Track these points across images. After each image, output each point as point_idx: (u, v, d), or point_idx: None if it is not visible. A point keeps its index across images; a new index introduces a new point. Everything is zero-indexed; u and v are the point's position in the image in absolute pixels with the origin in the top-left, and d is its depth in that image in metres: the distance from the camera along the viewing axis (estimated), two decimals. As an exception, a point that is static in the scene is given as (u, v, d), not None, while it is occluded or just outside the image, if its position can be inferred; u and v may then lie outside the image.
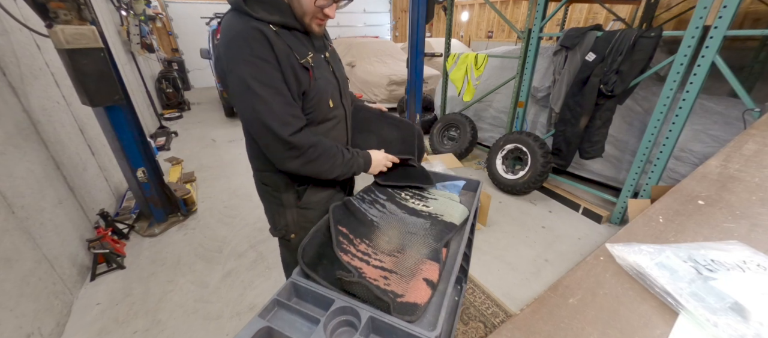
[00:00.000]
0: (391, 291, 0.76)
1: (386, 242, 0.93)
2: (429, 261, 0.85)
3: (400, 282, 0.79)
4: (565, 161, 2.76)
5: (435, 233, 0.97)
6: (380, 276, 0.81)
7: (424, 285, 0.77)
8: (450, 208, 1.09)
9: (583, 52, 2.43)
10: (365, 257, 0.87)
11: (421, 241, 0.94)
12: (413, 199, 1.16)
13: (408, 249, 0.90)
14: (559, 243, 2.37)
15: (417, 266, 0.83)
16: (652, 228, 0.94)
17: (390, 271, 0.83)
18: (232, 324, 1.74)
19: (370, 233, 0.97)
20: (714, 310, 0.61)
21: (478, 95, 3.65)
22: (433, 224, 1.01)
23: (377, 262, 0.86)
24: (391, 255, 0.89)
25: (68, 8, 1.73)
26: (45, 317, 1.60)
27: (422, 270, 0.82)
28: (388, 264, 0.85)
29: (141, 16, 4.77)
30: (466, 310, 1.81)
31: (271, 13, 0.86)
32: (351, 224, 0.98)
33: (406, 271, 0.82)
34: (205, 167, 3.77)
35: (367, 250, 0.90)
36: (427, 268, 0.82)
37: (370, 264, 0.85)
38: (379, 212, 1.07)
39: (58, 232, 1.86)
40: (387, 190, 1.21)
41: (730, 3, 1.74)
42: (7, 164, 1.60)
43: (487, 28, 9.30)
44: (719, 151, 1.29)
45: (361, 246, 0.91)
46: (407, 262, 0.86)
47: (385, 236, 0.96)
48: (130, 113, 2.28)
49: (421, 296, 0.74)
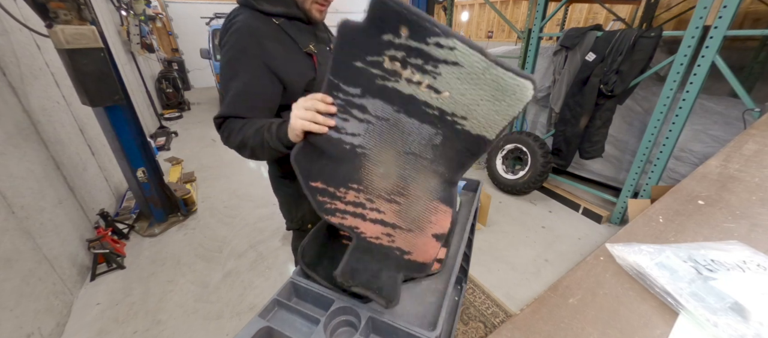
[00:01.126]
0: (396, 247, 0.67)
1: (380, 177, 0.68)
2: (439, 204, 0.66)
3: (406, 237, 0.67)
4: (565, 161, 2.76)
5: (449, 153, 0.65)
6: (382, 232, 0.68)
7: (433, 241, 0.66)
8: (476, 98, 0.59)
9: (583, 52, 2.43)
10: (358, 209, 0.68)
11: (428, 168, 0.66)
12: (413, 71, 0.60)
13: (411, 185, 0.67)
14: (559, 243, 2.37)
15: (424, 215, 0.67)
16: (652, 228, 0.94)
17: (392, 226, 0.68)
18: (232, 324, 1.74)
19: (354, 171, 0.68)
20: (714, 310, 0.61)
21: (478, 95, 3.64)
22: (446, 137, 0.63)
23: (374, 214, 0.68)
24: (390, 200, 0.68)
25: (68, 8, 1.73)
26: (45, 317, 1.60)
27: (431, 223, 0.66)
28: (389, 216, 0.68)
29: (141, 16, 4.77)
30: (466, 310, 1.81)
31: (274, 5, 0.89)
32: (325, 171, 0.69)
33: (411, 223, 0.67)
34: (205, 167, 3.77)
35: (358, 198, 0.68)
36: (438, 218, 0.66)
37: (367, 218, 0.68)
38: (358, 122, 0.67)
39: (58, 232, 1.86)
40: (366, 61, 0.64)
41: (730, 3, 1.74)
42: (7, 164, 1.60)
43: (487, 28, 9.30)
44: (719, 151, 1.29)
45: (348, 195, 0.69)
46: (412, 209, 0.67)
47: (377, 168, 0.68)
48: (130, 113, 2.28)
49: (430, 254, 0.66)
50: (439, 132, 0.63)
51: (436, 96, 0.60)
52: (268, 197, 2.96)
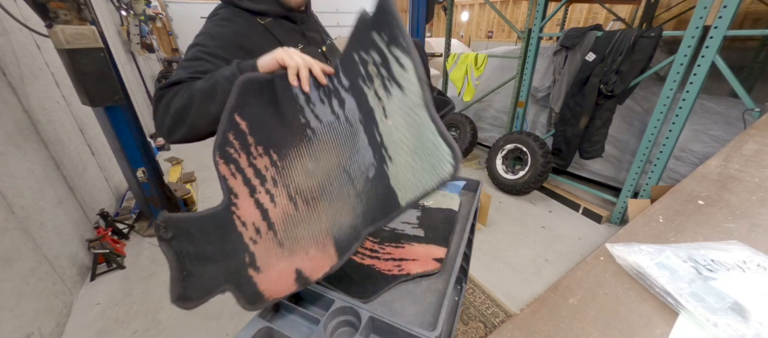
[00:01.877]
0: (252, 252, 0.57)
1: (304, 172, 0.62)
2: (330, 244, 0.57)
3: (270, 250, 0.57)
4: (565, 161, 2.76)
5: (372, 196, 0.56)
6: (253, 222, 0.58)
7: (291, 277, 0.55)
8: (403, 139, 0.51)
9: (583, 52, 2.43)
10: (255, 180, 0.60)
11: (349, 198, 0.59)
12: (380, 83, 0.56)
13: (323, 203, 0.60)
14: (559, 243, 2.37)
15: (308, 241, 0.59)
16: (652, 228, 0.94)
17: (269, 224, 0.59)
18: (232, 324, 1.74)
19: (287, 144, 0.62)
20: (714, 310, 0.61)
21: (478, 95, 3.65)
22: (377, 174, 0.56)
23: (265, 198, 0.60)
24: (292, 198, 0.60)
25: (68, 8, 1.73)
26: (45, 317, 1.60)
27: (307, 255, 0.57)
28: (275, 213, 0.60)
29: (141, 16, 4.77)
30: (466, 310, 1.81)
31: (257, 3, 0.87)
32: (260, 118, 0.62)
33: (289, 239, 0.58)
34: (205, 167, 3.77)
35: (266, 171, 0.61)
36: (316, 257, 0.56)
37: (253, 195, 0.59)
38: (330, 112, 0.64)
39: (58, 232, 1.86)
40: (360, 55, 0.63)
41: (730, 3, 1.74)
42: (7, 164, 1.60)
43: (487, 28, 9.31)
44: (719, 151, 1.29)
45: (260, 160, 0.61)
46: (302, 226, 0.59)
47: (309, 162, 0.62)
48: (130, 113, 2.28)
49: (277, 290, 0.55)
50: (374, 163, 0.55)
51: (384, 120, 0.54)
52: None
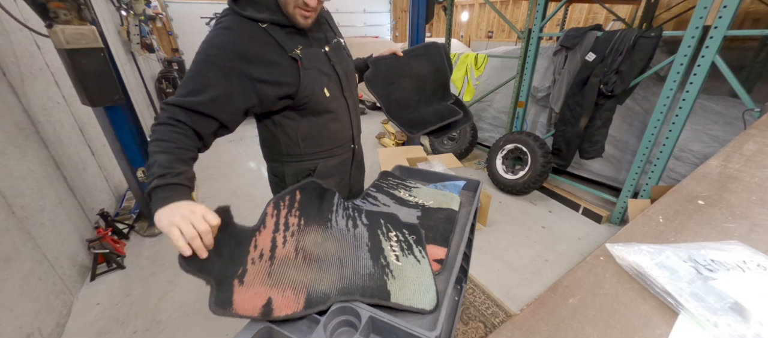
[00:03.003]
0: (246, 269, 0.70)
1: (312, 242, 0.83)
2: (303, 293, 0.71)
3: (260, 275, 0.71)
4: (565, 161, 2.76)
5: (361, 285, 0.75)
6: (264, 249, 0.75)
7: (261, 300, 0.67)
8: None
9: (583, 52, 2.43)
10: (282, 226, 0.80)
11: (330, 276, 0.77)
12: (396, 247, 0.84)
13: (313, 266, 0.78)
14: (559, 243, 2.37)
15: (292, 283, 0.73)
16: (652, 228, 0.94)
17: (271, 258, 0.75)
18: (232, 324, 1.74)
19: (312, 221, 0.88)
20: (714, 310, 0.61)
21: (478, 95, 3.65)
22: (370, 279, 0.76)
23: (280, 238, 0.79)
24: (297, 250, 0.79)
25: (68, 8, 1.73)
26: (45, 317, 1.60)
27: (283, 293, 0.70)
28: (280, 252, 0.77)
29: (141, 16, 4.77)
30: (466, 310, 1.81)
31: (259, 11, 0.88)
32: (309, 201, 0.89)
33: (278, 274, 0.73)
34: (205, 167, 3.77)
35: (292, 226, 0.82)
36: (289, 296, 0.70)
37: (275, 233, 0.79)
38: (344, 226, 0.90)
39: (58, 232, 1.86)
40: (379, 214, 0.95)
41: (730, 3, 1.74)
42: (7, 164, 1.60)
43: (487, 28, 9.31)
44: (719, 151, 1.29)
45: (292, 219, 0.83)
46: (294, 272, 0.75)
47: (319, 238, 0.84)
48: (130, 113, 2.28)
49: (242, 306, 0.66)
50: (371, 272, 0.77)
51: (395, 260, 0.80)
52: (267, 197, 2.95)
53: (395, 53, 1.27)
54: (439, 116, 1.31)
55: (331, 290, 0.73)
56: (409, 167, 1.42)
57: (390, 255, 0.82)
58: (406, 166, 1.43)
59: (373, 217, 0.94)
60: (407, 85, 1.28)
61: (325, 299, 0.71)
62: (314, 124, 1.03)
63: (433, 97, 1.35)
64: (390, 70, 1.25)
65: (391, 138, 4.40)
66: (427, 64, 1.31)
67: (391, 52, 1.27)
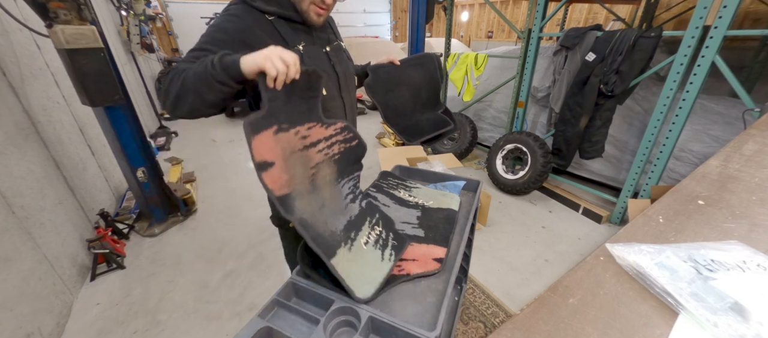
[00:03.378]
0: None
1: (323, 175, 0.89)
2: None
3: (276, 142, 0.75)
4: (565, 161, 2.76)
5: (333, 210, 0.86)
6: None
7: (265, 154, 0.72)
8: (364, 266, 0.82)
9: (583, 52, 2.43)
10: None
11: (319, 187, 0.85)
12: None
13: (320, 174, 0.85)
14: (559, 243, 2.37)
15: (294, 176, 0.78)
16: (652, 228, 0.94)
17: (301, 143, 0.80)
18: (232, 324, 1.74)
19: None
20: (714, 310, 0.61)
21: (478, 95, 3.65)
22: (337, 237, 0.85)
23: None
24: (315, 167, 0.85)
25: (68, 8, 1.73)
26: (45, 317, 1.60)
27: (280, 175, 0.75)
28: (300, 146, 0.83)
29: (141, 16, 4.77)
30: (466, 310, 1.81)
31: (268, 3, 0.90)
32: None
33: (294, 163, 0.79)
34: (205, 167, 3.77)
35: (326, 152, 0.89)
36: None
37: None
38: (347, 190, 0.95)
39: (58, 232, 1.86)
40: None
41: (730, 3, 1.74)
42: (7, 164, 1.60)
43: (487, 28, 9.31)
44: (719, 151, 1.29)
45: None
46: (300, 169, 0.80)
47: (327, 179, 0.89)
48: (130, 113, 2.28)
49: (261, 152, 0.71)
50: (342, 231, 0.83)
51: (363, 241, 0.86)
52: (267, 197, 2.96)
53: (393, 62, 1.31)
54: (432, 125, 1.37)
55: (305, 210, 0.77)
56: (409, 167, 1.42)
57: (362, 237, 0.86)
58: (406, 166, 1.44)
59: (372, 208, 0.97)
60: (404, 93, 1.34)
61: (291, 208, 0.74)
62: None
63: (427, 105, 1.42)
64: (388, 78, 1.29)
65: (391, 138, 4.40)
66: (423, 74, 1.37)
67: (389, 61, 1.30)
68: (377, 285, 0.77)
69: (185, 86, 0.75)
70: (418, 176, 1.40)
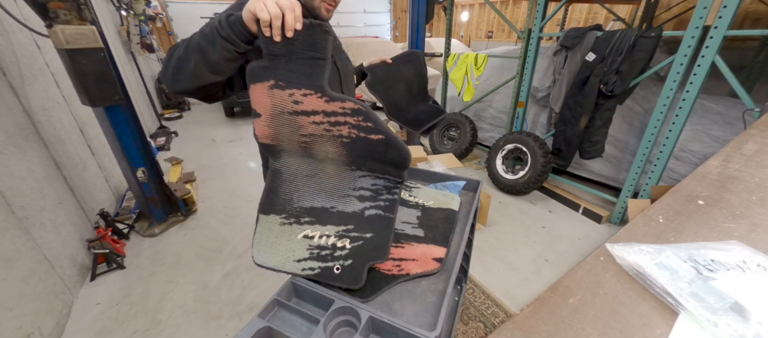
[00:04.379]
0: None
1: (324, 151, 0.84)
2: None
3: (270, 97, 0.77)
4: (565, 161, 2.76)
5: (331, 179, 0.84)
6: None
7: (263, 102, 0.76)
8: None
9: (583, 52, 2.43)
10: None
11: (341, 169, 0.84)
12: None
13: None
14: (559, 243, 2.37)
15: (278, 134, 0.80)
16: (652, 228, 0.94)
17: (292, 108, 0.78)
18: (232, 324, 1.74)
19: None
20: (714, 310, 0.61)
21: (478, 95, 3.65)
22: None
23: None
24: (307, 143, 0.83)
25: (68, 8, 1.73)
26: (45, 317, 1.60)
27: (262, 126, 0.78)
28: (289, 110, 0.80)
29: (141, 16, 4.77)
30: (466, 310, 1.81)
31: None
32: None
33: (280, 123, 0.79)
34: (205, 167, 3.77)
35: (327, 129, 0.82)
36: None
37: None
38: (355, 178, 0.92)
39: (58, 232, 1.86)
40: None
41: (730, 3, 1.74)
42: (7, 164, 1.60)
43: (487, 28, 9.31)
44: (719, 151, 1.29)
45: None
46: (286, 130, 0.80)
47: (328, 154, 0.85)
48: (130, 113, 2.28)
49: (256, 101, 0.75)
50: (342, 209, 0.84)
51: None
52: (268, 197, 2.96)
53: (385, 61, 1.38)
54: (429, 115, 1.47)
55: (289, 166, 0.82)
56: (410, 167, 1.42)
57: (312, 231, 0.83)
58: (406, 166, 1.44)
59: (371, 222, 0.84)
60: (401, 89, 1.44)
61: (276, 156, 0.81)
62: None
63: (419, 98, 1.52)
64: (385, 76, 1.37)
65: (391, 138, 4.39)
66: (413, 70, 1.48)
67: (381, 61, 1.37)
68: (274, 263, 0.79)
69: (189, 48, 0.73)
70: (418, 176, 1.40)
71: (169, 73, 0.76)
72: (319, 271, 0.78)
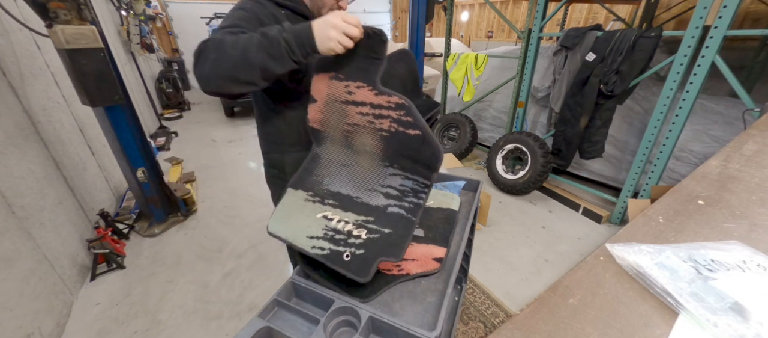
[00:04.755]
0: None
1: (362, 143, 0.88)
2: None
3: (325, 86, 0.86)
4: (565, 161, 2.76)
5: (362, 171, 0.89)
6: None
7: (319, 90, 0.87)
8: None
9: (583, 52, 2.43)
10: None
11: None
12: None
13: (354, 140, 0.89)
14: (559, 243, 2.37)
15: (327, 120, 0.88)
16: (652, 228, 0.94)
17: (344, 98, 0.86)
18: (232, 324, 1.74)
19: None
20: (714, 310, 0.61)
21: (478, 95, 3.65)
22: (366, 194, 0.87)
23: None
24: (350, 132, 0.89)
25: (68, 8, 1.73)
26: (45, 317, 1.60)
27: (314, 111, 0.89)
28: (342, 99, 0.87)
29: (141, 16, 4.77)
30: (466, 310, 1.81)
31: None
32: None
33: (330, 111, 0.87)
34: (205, 167, 3.77)
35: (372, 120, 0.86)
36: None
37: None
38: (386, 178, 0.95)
39: (58, 232, 1.86)
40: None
41: (730, 3, 1.74)
42: (7, 164, 1.60)
43: (487, 28, 9.31)
44: (719, 151, 1.29)
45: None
46: (335, 118, 0.88)
47: (366, 146, 0.88)
48: (130, 113, 2.28)
49: (315, 89, 0.86)
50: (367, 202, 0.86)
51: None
52: (268, 197, 2.94)
53: None
54: (426, 109, 1.51)
55: (329, 153, 0.91)
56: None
57: (332, 214, 0.85)
58: (406, 166, 1.44)
59: (390, 219, 0.83)
60: (396, 85, 1.45)
61: (319, 142, 0.91)
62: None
63: (413, 95, 1.54)
64: (383, 73, 1.36)
65: (391, 138, 4.39)
66: (405, 67, 1.48)
67: None
68: (286, 234, 0.81)
69: (245, 61, 0.74)
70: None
71: (210, 76, 0.76)
72: (329, 253, 0.77)
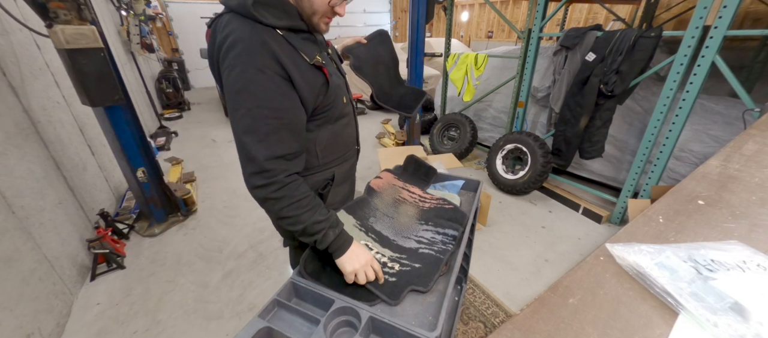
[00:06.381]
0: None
1: (404, 215, 1.11)
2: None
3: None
4: (565, 161, 2.76)
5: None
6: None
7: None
8: None
9: (583, 52, 2.43)
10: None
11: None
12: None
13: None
14: (559, 243, 2.37)
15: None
16: (652, 228, 0.94)
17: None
18: (232, 324, 1.74)
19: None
20: (714, 310, 0.61)
21: (478, 95, 3.65)
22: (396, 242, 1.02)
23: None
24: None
25: (68, 8, 1.73)
26: (45, 317, 1.60)
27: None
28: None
29: (141, 16, 4.77)
30: (466, 310, 1.81)
31: (279, 19, 0.80)
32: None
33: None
34: (205, 167, 3.77)
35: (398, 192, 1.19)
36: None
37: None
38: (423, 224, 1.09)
39: (58, 232, 1.86)
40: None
41: (730, 3, 1.74)
42: (7, 164, 1.60)
43: (487, 28, 9.30)
44: (719, 151, 1.29)
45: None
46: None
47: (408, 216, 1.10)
48: (130, 113, 2.28)
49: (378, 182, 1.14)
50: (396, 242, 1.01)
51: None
52: (268, 197, 2.96)
53: (360, 41, 1.29)
54: (414, 98, 1.42)
55: (377, 205, 1.13)
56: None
57: (373, 245, 0.97)
58: (406, 166, 1.43)
59: (421, 258, 0.94)
60: (382, 71, 1.38)
61: (372, 194, 1.17)
62: (331, 132, 0.98)
63: (397, 80, 1.45)
64: (367, 57, 1.29)
65: (391, 138, 4.40)
66: (386, 51, 1.39)
67: (356, 41, 1.29)
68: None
69: (287, 211, 0.81)
70: (418, 176, 1.40)
71: (271, 210, 0.84)
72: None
